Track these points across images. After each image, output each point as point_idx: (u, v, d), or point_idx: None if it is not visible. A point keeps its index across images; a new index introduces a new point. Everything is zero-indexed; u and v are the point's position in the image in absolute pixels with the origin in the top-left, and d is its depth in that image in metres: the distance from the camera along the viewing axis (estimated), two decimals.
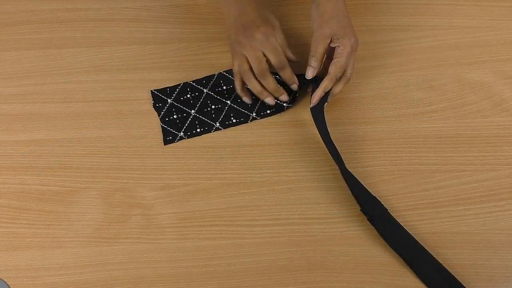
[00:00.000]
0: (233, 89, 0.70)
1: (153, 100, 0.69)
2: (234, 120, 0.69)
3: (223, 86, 0.71)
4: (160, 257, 0.60)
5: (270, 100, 0.67)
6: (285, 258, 0.60)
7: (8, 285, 0.58)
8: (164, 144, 0.66)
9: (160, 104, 0.69)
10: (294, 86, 0.67)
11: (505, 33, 0.76)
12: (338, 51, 0.64)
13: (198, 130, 0.68)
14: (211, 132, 0.68)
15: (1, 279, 0.59)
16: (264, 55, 0.64)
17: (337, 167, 0.64)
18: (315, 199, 0.63)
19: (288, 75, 0.66)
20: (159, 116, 0.68)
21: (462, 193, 0.63)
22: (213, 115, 0.69)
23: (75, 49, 0.75)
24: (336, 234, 0.61)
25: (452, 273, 0.57)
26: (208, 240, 0.61)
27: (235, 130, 0.68)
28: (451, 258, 0.59)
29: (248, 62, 0.64)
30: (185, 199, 0.63)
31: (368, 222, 0.60)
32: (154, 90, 0.70)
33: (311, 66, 0.65)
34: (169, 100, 0.69)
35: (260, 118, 0.69)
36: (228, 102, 0.70)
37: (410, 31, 0.76)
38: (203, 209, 0.63)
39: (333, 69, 0.64)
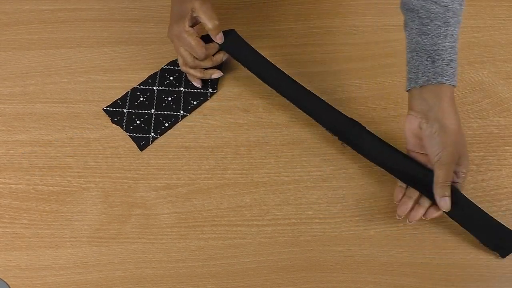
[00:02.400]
0: (180, 76, 0.72)
1: (109, 116, 0.69)
2: (195, 103, 0.70)
3: (169, 78, 0.72)
4: (160, 257, 0.60)
5: (216, 75, 0.69)
6: (285, 258, 0.60)
7: (8, 285, 0.58)
8: (141, 150, 0.66)
9: (118, 117, 0.69)
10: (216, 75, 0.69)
11: (505, 33, 0.76)
12: (461, 175, 0.57)
13: (166, 124, 0.68)
14: (179, 121, 0.69)
15: (1, 279, 0.59)
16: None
17: (338, 167, 0.64)
18: (315, 199, 0.63)
19: (208, 64, 0.68)
20: (122, 128, 0.68)
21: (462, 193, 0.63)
22: (174, 106, 0.70)
23: (75, 49, 0.75)
24: (336, 234, 0.61)
25: (448, 273, 0.57)
26: (208, 240, 0.61)
27: (235, 130, 0.68)
28: (451, 258, 0.59)
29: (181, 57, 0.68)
30: (185, 199, 0.63)
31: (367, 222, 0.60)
32: (105, 107, 0.69)
33: (446, 196, 0.55)
34: (125, 110, 0.69)
35: (217, 91, 0.71)
36: (182, 88, 0.71)
37: None
38: (203, 209, 0.63)
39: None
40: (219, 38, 0.65)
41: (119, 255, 0.60)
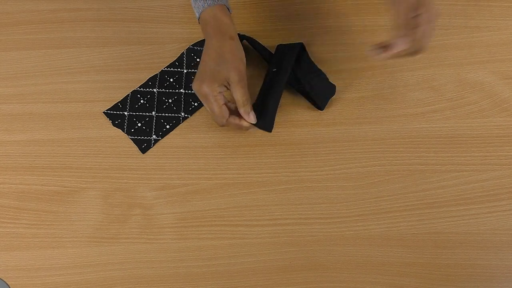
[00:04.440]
0: (180, 78, 0.72)
1: (110, 119, 0.69)
2: (195, 104, 0.70)
3: (169, 79, 0.72)
4: (160, 257, 0.60)
5: (245, 124, 0.64)
6: (285, 258, 0.60)
7: (8, 285, 0.58)
8: (143, 153, 0.66)
9: (119, 120, 0.69)
10: (245, 123, 0.64)
11: (505, 33, 0.76)
12: (423, 18, 0.56)
13: (168, 126, 0.68)
14: (180, 123, 0.68)
15: (1, 279, 0.59)
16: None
17: (338, 167, 0.64)
18: (315, 199, 0.63)
19: (232, 126, 0.64)
20: (124, 131, 0.68)
21: (462, 193, 0.63)
22: (174, 108, 0.70)
23: (75, 49, 0.75)
24: (336, 234, 0.61)
25: (448, 273, 0.57)
26: (208, 240, 0.61)
27: (235, 130, 0.68)
28: (451, 258, 0.60)
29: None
30: (185, 199, 0.63)
31: (366, 225, 0.60)
32: (106, 110, 0.69)
33: (397, 42, 0.56)
34: (125, 113, 0.69)
35: None
36: (182, 90, 0.71)
37: None
38: (203, 209, 0.63)
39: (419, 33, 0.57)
40: (252, 118, 0.62)
41: (119, 255, 0.60)
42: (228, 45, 0.62)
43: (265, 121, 0.65)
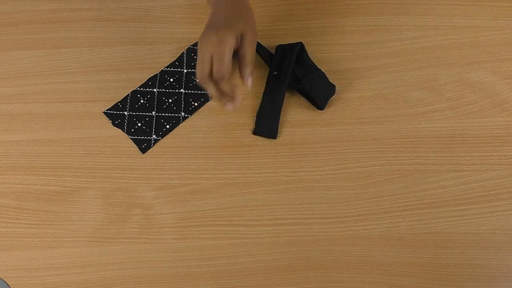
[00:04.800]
0: (180, 78, 0.72)
1: (110, 119, 0.69)
2: (196, 104, 0.70)
3: (169, 79, 0.72)
4: (160, 257, 0.60)
5: (230, 107, 0.60)
6: (285, 258, 0.60)
7: (8, 285, 0.58)
8: (143, 153, 0.66)
9: (119, 120, 0.69)
10: (237, 101, 0.60)
11: (505, 33, 0.76)
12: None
13: (168, 126, 0.68)
14: (180, 123, 0.68)
15: (1, 279, 0.59)
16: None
17: (338, 167, 0.64)
18: (315, 199, 0.63)
19: (225, 88, 0.59)
20: (124, 131, 0.68)
21: (462, 193, 0.63)
22: (175, 108, 0.69)
23: (75, 49, 0.75)
24: (336, 234, 0.61)
25: (448, 273, 0.57)
26: (208, 240, 0.61)
27: (235, 130, 0.68)
28: (451, 258, 0.60)
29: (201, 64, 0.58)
30: (185, 199, 0.63)
31: (365, 223, 0.60)
32: (106, 110, 0.69)
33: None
34: (125, 113, 0.69)
35: None
36: (182, 90, 0.71)
37: (410, 31, 0.76)
38: (203, 209, 0.63)
39: None
40: (249, 83, 0.59)
41: (119, 255, 0.60)
42: (245, 5, 0.62)
43: (269, 129, 0.66)
